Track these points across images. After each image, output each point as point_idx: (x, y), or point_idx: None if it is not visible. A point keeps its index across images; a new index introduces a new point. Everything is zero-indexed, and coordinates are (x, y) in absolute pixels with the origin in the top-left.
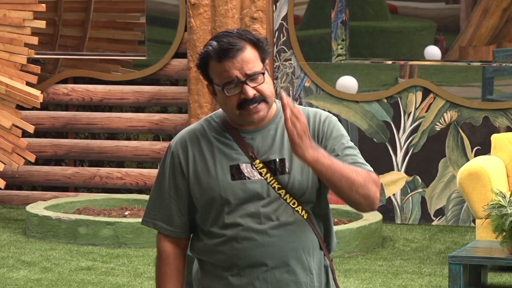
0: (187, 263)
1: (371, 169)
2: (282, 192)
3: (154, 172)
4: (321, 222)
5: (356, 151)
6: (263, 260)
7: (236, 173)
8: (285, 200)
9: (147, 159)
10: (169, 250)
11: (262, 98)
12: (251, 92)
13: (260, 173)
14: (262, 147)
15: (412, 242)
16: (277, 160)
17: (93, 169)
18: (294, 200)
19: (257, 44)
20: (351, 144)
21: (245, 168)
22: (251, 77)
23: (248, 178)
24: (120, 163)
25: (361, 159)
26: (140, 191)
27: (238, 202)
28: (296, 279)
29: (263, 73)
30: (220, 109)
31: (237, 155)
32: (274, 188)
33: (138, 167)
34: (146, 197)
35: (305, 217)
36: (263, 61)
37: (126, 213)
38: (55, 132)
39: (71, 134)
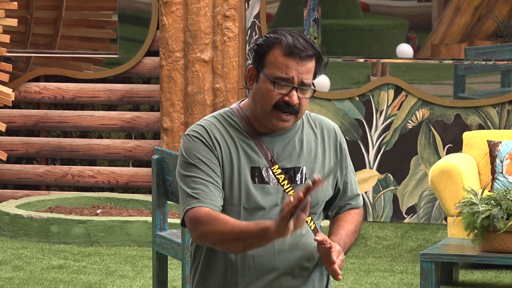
0: (160, 261)
1: (361, 199)
2: None
3: (126, 170)
4: (320, 231)
5: (355, 175)
6: (271, 267)
7: (258, 176)
8: None
9: (119, 157)
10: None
11: (297, 110)
12: (296, 99)
13: (277, 179)
14: (282, 154)
15: (384, 239)
16: (296, 168)
17: (65, 167)
18: None
19: (319, 60)
20: (351, 164)
21: (265, 172)
22: (303, 87)
23: (267, 183)
24: (92, 161)
25: (358, 185)
26: (112, 189)
27: (255, 206)
28: (300, 287)
29: (312, 90)
30: (233, 107)
31: (257, 158)
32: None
33: (110, 165)
34: (118, 195)
35: (312, 227)
36: (314, 76)
37: (98, 211)
38: (27, 130)
39: (43, 132)
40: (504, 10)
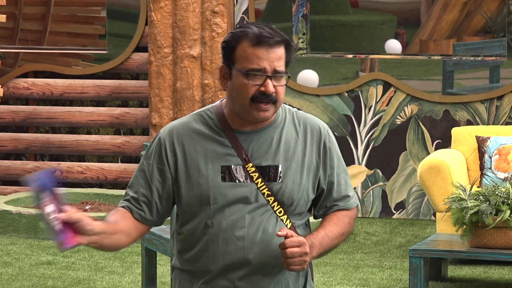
0: (149, 257)
1: (355, 200)
2: (270, 199)
3: (114, 166)
4: (302, 231)
5: (347, 176)
6: (241, 265)
7: (227, 174)
8: (272, 207)
9: (108, 153)
10: (131, 219)
11: (275, 99)
12: (272, 88)
13: (251, 177)
14: (257, 151)
15: (373, 235)
16: (271, 166)
17: (54, 163)
18: (281, 209)
19: (289, 46)
20: (343, 165)
21: (237, 170)
22: (277, 74)
23: (239, 181)
24: (80, 157)
25: (349, 187)
26: (100, 185)
27: (225, 204)
28: (272, 286)
29: (287, 77)
30: (215, 105)
31: (230, 156)
32: (263, 194)
33: (98, 161)
34: (106, 191)
35: (288, 226)
36: (286, 65)
37: (86, 207)
38: (15, 126)
39: (32, 128)
40: (493, 5)
